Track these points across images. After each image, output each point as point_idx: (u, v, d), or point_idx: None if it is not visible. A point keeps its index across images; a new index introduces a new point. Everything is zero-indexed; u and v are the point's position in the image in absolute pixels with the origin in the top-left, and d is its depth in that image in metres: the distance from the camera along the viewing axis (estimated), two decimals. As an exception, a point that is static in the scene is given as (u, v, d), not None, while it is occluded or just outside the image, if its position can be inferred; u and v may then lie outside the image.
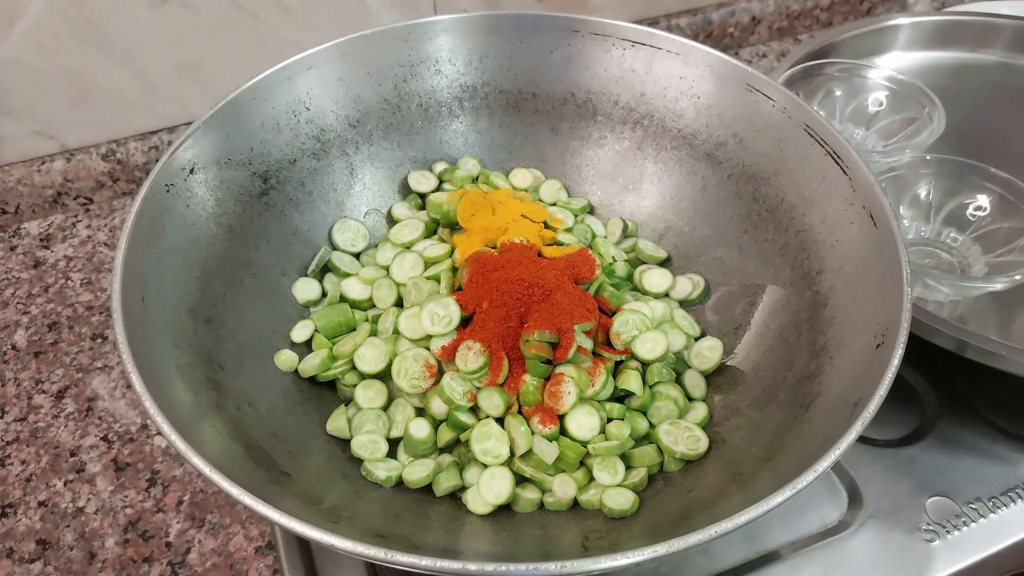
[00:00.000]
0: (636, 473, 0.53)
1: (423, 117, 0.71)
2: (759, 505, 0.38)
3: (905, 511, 0.59)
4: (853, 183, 0.55)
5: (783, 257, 0.60)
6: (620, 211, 0.72)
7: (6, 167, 0.83)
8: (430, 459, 0.54)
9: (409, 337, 0.57)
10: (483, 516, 0.51)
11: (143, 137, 0.87)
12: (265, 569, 0.58)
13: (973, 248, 0.71)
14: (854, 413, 0.43)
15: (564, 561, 0.37)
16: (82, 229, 0.86)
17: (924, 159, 0.72)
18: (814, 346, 0.54)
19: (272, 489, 0.45)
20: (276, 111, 0.63)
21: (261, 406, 0.53)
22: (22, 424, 0.67)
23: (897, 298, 0.47)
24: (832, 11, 1.17)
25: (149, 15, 0.79)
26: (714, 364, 0.59)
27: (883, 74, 0.82)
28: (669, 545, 0.37)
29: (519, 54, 0.70)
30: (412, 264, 0.64)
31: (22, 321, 0.76)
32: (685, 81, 0.67)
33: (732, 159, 0.65)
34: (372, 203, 0.70)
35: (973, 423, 0.65)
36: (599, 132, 0.72)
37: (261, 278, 0.61)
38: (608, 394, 0.55)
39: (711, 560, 0.56)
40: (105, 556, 0.59)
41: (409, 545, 0.40)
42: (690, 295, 0.64)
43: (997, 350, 0.58)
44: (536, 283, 0.56)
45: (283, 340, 0.60)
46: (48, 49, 0.77)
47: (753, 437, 0.52)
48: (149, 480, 0.64)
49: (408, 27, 0.68)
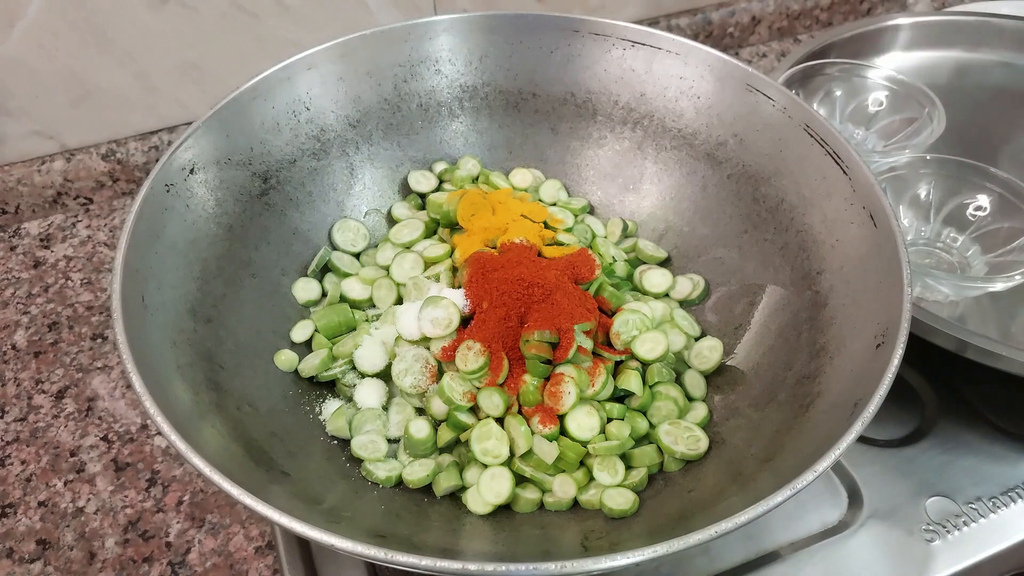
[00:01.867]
0: (636, 473, 0.53)
1: (423, 117, 0.71)
2: (759, 505, 0.38)
3: (905, 511, 0.59)
4: (853, 183, 0.55)
5: (783, 257, 0.60)
6: (620, 211, 0.72)
7: (6, 167, 0.83)
8: (430, 459, 0.54)
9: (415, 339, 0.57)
10: (483, 516, 0.51)
11: (143, 137, 0.87)
12: (265, 569, 0.58)
13: (973, 248, 0.71)
14: (854, 413, 0.43)
15: (564, 561, 0.37)
16: (82, 229, 0.86)
17: (924, 159, 0.73)
18: (814, 346, 0.54)
19: (272, 489, 0.45)
20: (276, 111, 0.63)
21: (261, 406, 0.53)
22: (22, 424, 0.67)
23: (897, 298, 0.47)
24: (832, 11, 1.17)
25: (149, 15, 0.79)
26: (714, 364, 0.59)
27: (883, 74, 0.82)
28: (669, 545, 0.37)
29: (519, 54, 0.70)
30: (412, 264, 0.64)
31: (22, 321, 0.76)
32: (685, 81, 0.67)
33: (732, 159, 0.65)
34: (372, 203, 0.70)
35: (973, 423, 0.65)
36: (599, 132, 0.72)
37: (261, 278, 0.61)
38: (608, 394, 0.55)
39: (711, 560, 0.56)
40: (105, 556, 0.59)
41: (409, 545, 0.40)
42: (690, 295, 0.64)
43: (997, 350, 0.58)
44: (536, 283, 0.56)
45: (283, 340, 0.60)
46: (48, 49, 0.77)
47: (753, 437, 0.52)
48: (149, 480, 0.64)
49: (408, 27, 0.68)
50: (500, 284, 0.56)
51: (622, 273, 0.65)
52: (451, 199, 0.66)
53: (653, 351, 0.56)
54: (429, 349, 0.57)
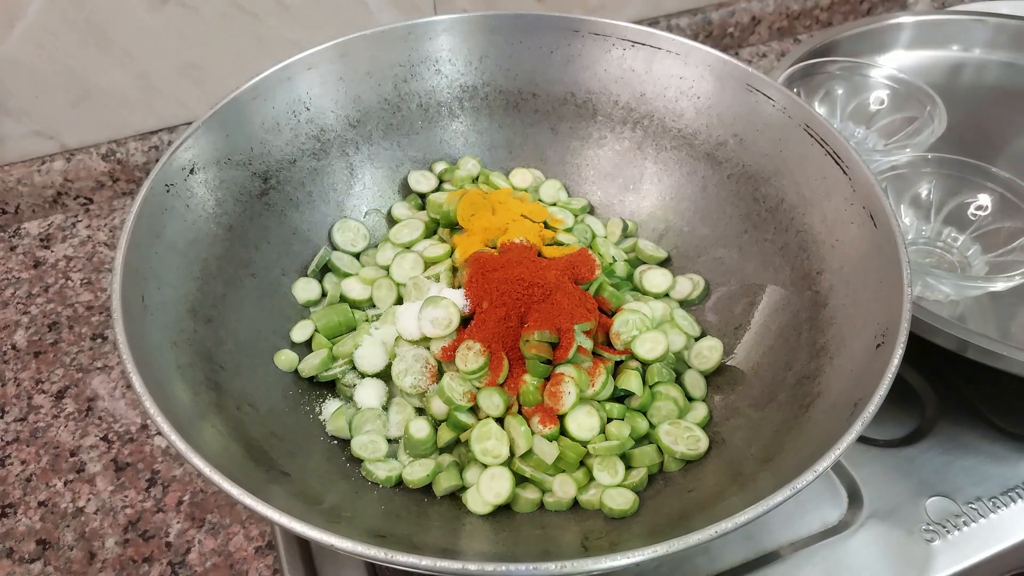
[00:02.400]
0: (636, 473, 0.53)
1: (423, 117, 0.71)
2: (759, 505, 0.38)
3: (905, 511, 0.59)
4: (853, 183, 0.55)
5: (783, 257, 0.60)
6: (620, 211, 0.72)
7: (6, 167, 0.83)
8: (430, 459, 0.54)
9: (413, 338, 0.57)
10: (483, 516, 0.51)
11: (143, 137, 0.87)
12: (265, 569, 0.58)
13: (973, 248, 0.71)
14: (854, 413, 0.43)
15: (564, 561, 0.37)
16: (82, 229, 0.86)
17: (925, 158, 0.72)
18: (814, 346, 0.54)
19: (272, 489, 0.45)
20: (276, 111, 0.63)
21: (261, 406, 0.53)
22: (22, 424, 0.68)
23: (897, 298, 0.47)
24: (832, 11, 1.16)
25: (149, 15, 0.79)
26: (714, 364, 0.59)
27: (884, 73, 0.82)
28: (669, 545, 0.37)
29: (519, 54, 0.70)
30: (412, 264, 0.64)
31: (22, 321, 0.76)
32: (685, 81, 0.67)
33: (732, 159, 0.65)
34: (372, 203, 0.70)
35: (973, 423, 0.65)
36: (599, 132, 0.72)
37: (261, 278, 0.61)
38: (608, 394, 0.55)
39: (711, 560, 0.56)
40: (105, 556, 0.59)
41: (409, 545, 0.40)
42: (690, 295, 0.64)
43: (997, 350, 0.58)
44: (536, 283, 0.56)
45: (283, 340, 0.60)
46: (48, 49, 0.77)
47: (753, 437, 0.52)
48: (149, 480, 0.64)
49: (408, 27, 0.68)
50: (500, 284, 0.56)
51: (622, 273, 0.65)
52: (451, 199, 0.66)
53: (653, 351, 0.56)
54: (429, 349, 0.57)
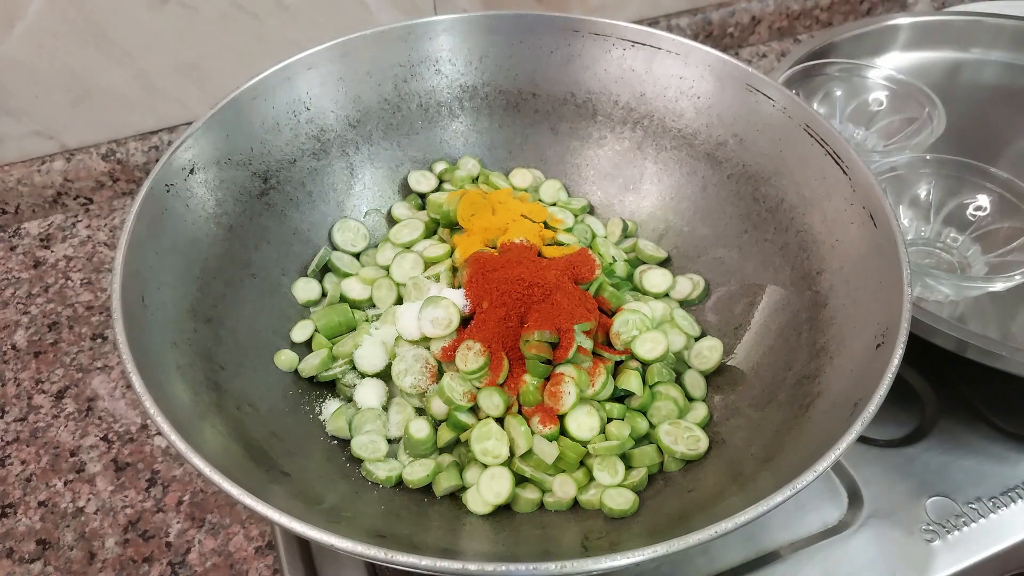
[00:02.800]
0: (636, 473, 0.53)
1: (423, 117, 0.71)
2: (759, 505, 0.38)
3: (905, 511, 0.59)
4: (853, 183, 0.55)
5: (783, 257, 0.60)
6: (620, 211, 0.72)
7: (6, 167, 0.83)
8: (430, 459, 0.54)
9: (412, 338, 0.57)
10: (483, 516, 0.51)
11: (143, 137, 0.87)
12: (265, 569, 0.58)
13: (973, 248, 0.71)
14: (854, 413, 0.43)
15: (564, 561, 0.37)
16: (82, 229, 0.86)
17: (924, 159, 0.72)
18: (814, 346, 0.54)
19: (272, 489, 0.45)
20: (276, 111, 0.63)
21: (261, 406, 0.53)
22: (22, 424, 0.67)
23: (897, 298, 0.47)
24: (832, 11, 1.16)
25: (149, 15, 0.79)
26: (714, 364, 0.59)
27: (883, 74, 0.82)
28: (669, 545, 0.37)
29: (519, 54, 0.70)
30: (412, 264, 0.64)
31: (22, 321, 0.76)
32: (685, 81, 0.67)
33: (732, 159, 0.65)
34: (372, 203, 0.70)
35: (973, 423, 0.65)
36: (599, 132, 0.72)
37: (261, 278, 0.61)
38: (608, 394, 0.55)
39: (711, 560, 0.56)
40: (105, 556, 0.59)
41: (409, 545, 0.40)
42: (690, 295, 0.64)
43: (997, 350, 0.58)
44: (536, 283, 0.56)
45: (283, 340, 0.60)
46: (48, 49, 0.77)
47: (753, 437, 0.52)
48: (149, 480, 0.64)
49: (408, 27, 0.68)
50: (500, 284, 0.56)
51: (622, 273, 0.65)
52: (451, 199, 0.66)
53: (653, 351, 0.56)
54: (429, 349, 0.57)
